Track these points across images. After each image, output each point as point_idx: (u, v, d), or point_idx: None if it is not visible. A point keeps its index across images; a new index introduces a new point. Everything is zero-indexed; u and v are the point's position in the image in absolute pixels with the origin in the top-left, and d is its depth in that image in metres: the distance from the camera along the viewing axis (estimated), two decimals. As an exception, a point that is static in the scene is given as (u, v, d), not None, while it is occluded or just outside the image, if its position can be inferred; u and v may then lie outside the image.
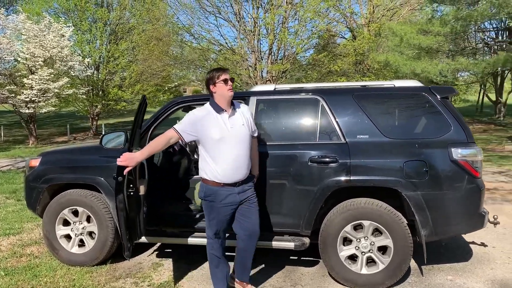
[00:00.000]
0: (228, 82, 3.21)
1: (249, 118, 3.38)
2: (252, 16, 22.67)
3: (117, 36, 28.01)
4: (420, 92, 3.86)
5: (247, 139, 3.28)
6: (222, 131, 3.17)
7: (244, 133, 3.25)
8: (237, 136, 3.21)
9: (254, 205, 3.39)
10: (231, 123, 3.22)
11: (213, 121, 3.21)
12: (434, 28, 20.67)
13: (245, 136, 3.26)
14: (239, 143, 3.21)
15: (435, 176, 3.61)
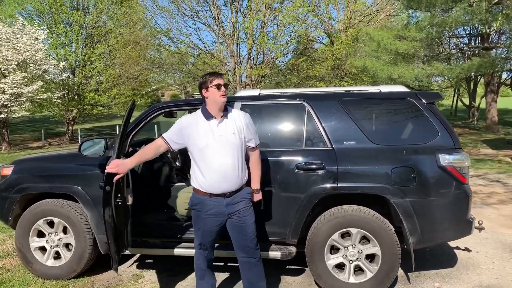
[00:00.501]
0: (221, 88, 3.05)
1: (243, 126, 3.12)
2: (231, 21, 22.59)
3: (94, 40, 27.55)
4: (406, 98, 3.82)
5: (238, 149, 3.07)
6: (208, 139, 3.02)
7: (234, 142, 3.05)
8: (225, 145, 3.03)
9: (247, 219, 3.17)
10: (219, 131, 3.06)
11: (200, 128, 3.07)
12: (410, 34, 21.02)
13: (235, 145, 3.06)
14: (227, 152, 3.03)
15: (423, 182, 3.57)
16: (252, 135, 3.19)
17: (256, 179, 3.31)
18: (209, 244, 3.25)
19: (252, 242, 3.18)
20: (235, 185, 3.09)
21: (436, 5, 21.64)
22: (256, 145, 3.24)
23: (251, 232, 3.18)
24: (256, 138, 3.24)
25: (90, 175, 4.01)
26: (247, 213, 3.18)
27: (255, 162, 3.30)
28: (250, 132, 3.17)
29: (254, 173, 3.29)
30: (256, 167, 3.31)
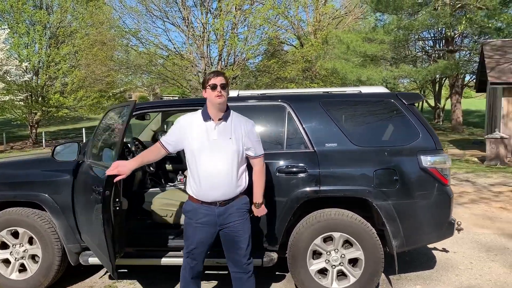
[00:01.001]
0: (217, 88, 2.83)
1: (242, 133, 2.88)
2: (201, 21, 22.37)
3: (58, 40, 26.65)
4: (387, 99, 3.78)
5: (234, 155, 2.84)
6: (202, 142, 2.84)
7: (229, 148, 2.84)
8: (219, 150, 2.83)
9: (241, 233, 2.94)
10: (215, 134, 2.86)
11: (195, 129, 2.88)
12: (378, 37, 21.39)
13: (231, 151, 2.84)
14: (221, 157, 2.82)
15: (405, 184, 3.53)
16: (252, 144, 2.94)
17: (257, 192, 3.04)
18: (198, 255, 3.00)
19: (245, 257, 2.98)
20: (227, 194, 2.86)
21: (403, 8, 22.19)
22: (256, 155, 2.98)
23: (244, 247, 2.96)
24: (258, 148, 2.98)
25: (58, 181, 3.77)
26: (241, 227, 2.94)
27: (257, 173, 3.02)
28: (250, 140, 2.92)
29: (256, 185, 3.02)
30: (258, 179, 3.03)
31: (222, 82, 2.85)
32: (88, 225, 3.51)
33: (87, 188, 3.47)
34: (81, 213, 3.66)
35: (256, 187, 3.03)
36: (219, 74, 2.89)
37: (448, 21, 20.31)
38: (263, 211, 3.10)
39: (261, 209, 3.09)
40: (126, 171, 2.88)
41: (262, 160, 3.03)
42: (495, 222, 6.18)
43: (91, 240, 3.52)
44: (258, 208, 3.06)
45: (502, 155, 11.83)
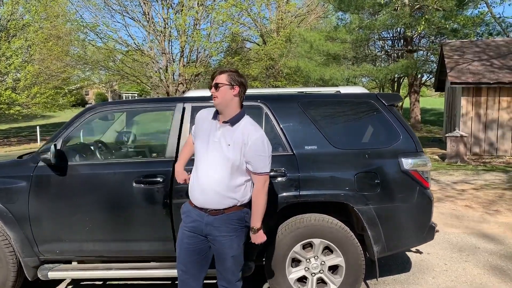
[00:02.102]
0: (212, 88, 2.61)
1: (244, 143, 2.56)
2: (162, 17, 21.80)
3: (9, 33, 25.23)
4: (367, 99, 3.65)
5: (228, 164, 2.57)
6: (205, 139, 2.66)
7: (226, 155, 2.57)
8: (216, 154, 2.59)
9: (226, 251, 2.66)
10: (218, 136, 2.62)
11: (205, 125, 2.71)
12: (340, 36, 21.60)
13: (228, 159, 2.57)
14: (216, 163, 2.58)
15: (387, 188, 3.42)
16: (253, 158, 2.57)
17: (255, 214, 2.66)
18: (192, 271, 2.72)
19: (233, 275, 2.73)
20: (214, 203, 2.60)
21: (364, 8, 22.51)
22: (255, 171, 2.61)
23: (230, 265, 2.70)
24: (259, 164, 2.59)
25: (15, 189, 3.41)
26: (227, 244, 2.65)
27: (255, 192, 2.65)
28: (251, 154, 2.57)
29: (254, 206, 2.66)
30: (255, 200, 2.65)
31: (216, 81, 2.61)
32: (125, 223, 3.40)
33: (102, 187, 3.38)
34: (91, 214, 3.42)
35: (254, 209, 2.66)
36: (220, 73, 2.65)
37: (407, 21, 20.77)
38: (261, 238, 2.72)
39: (258, 236, 2.70)
40: (185, 175, 2.83)
41: (263, 179, 2.63)
42: (462, 221, 6.25)
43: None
44: (254, 233, 2.70)
45: (462, 153, 12.15)
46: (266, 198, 2.67)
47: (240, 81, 2.63)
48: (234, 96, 2.61)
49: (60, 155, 3.41)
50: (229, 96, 2.60)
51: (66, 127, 3.54)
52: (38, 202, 3.40)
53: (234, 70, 2.68)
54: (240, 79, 2.64)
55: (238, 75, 2.66)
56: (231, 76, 2.61)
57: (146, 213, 3.39)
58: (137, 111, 4.23)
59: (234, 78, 2.62)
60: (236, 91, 2.61)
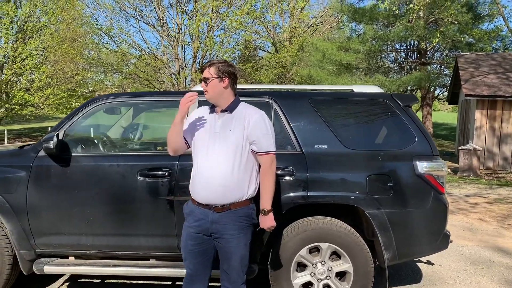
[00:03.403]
0: (201, 84, 2.56)
1: (246, 125, 2.50)
2: (176, 22, 21.88)
3: (26, 35, 25.53)
4: (382, 99, 3.51)
5: (233, 150, 2.47)
6: (204, 134, 2.54)
7: (229, 141, 2.48)
8: (219, 143, 2.48)
9: (233, 250, 2.53)
10: (218, 127, 2.53)
11: (201, 121, 2.59)
12: (353, 46, 21.49)
13: (232, 145, 2.47)
14: (220, 152, 2.47)
15: (400, 192, 3.25)
16: (257, 137, 2.50)
17: (264, 196, 2.56)
18: (198, 273, 2.62)
19: (238, 276, 2.59)
20: (223, 197, 2.47)
21: (378, 20, 22.44)
22: (261, 150, 2.52)
23: (236, 264, 2.57)
24: (264, 143, 2.52)
25: (11, 178, 3.31)
26: (234, 243, 2.53)
27: (263, 173, 2.55)
28: (255, 133, 2.50)
29: (262, 187, 2.56)
30: (264, 180, 2.55)
31: (204, 75, 2.54)
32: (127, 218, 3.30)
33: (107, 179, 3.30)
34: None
35: (263, 190, 2.56)
36: (204, 66, 2.58)
37: (421, 34, 20.61)
38: (271, 222, 2.60)
39: (268, 218, 2.59)
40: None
41: (270, 158, 2.55)
42: (476, 234, 6.03)
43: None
44: (265, 215, 2.57)
45: (475, 166, 11.88)
46: (274, 179, 2.59)
47: (229, 71, 2.54)
48: (224, 88, 2.53)
49: (62, 145, 3.31)
50: (219, 89, 2.53)
51: (69, 117, 3.45)
52: (37, 193, 3.30)
53: (222, 61, 2.58)
54: (229, 69, 2.55)
55: (227, 65, 2.56)
56: (219, 68, 2.52)
57: (149, 208, 3.27)
58: (144, 104, 4.11)
59: (222, 69, 2.53)
60: (226, 83, 2.53)
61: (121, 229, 3.32)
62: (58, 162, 3.31)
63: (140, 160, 3.37)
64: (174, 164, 3.26)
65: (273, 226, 2.63)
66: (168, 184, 3.24)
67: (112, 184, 3.29)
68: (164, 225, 3.28)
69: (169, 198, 3.24)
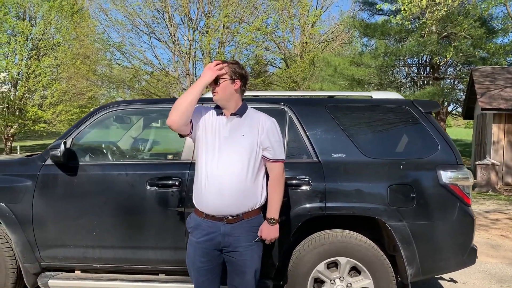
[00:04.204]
0: (211, 84, 2.39)
1: (260, 131, 2.39)
2: (188, 39, 22.03)
3: (40, 52, 25.93)
4: (402, 106, 3.34)
5: (247, 155, 2.34)
6: (211, 138, 2.37)
7: (242, 145, 2.35)
8: (230, 148, 2.34)
9: (247, 263, 2.38)
10: (227, 131, 2.38)
11: (210, 122, 2.42)
12: (365, 60, 21.40)
13: (243, 149, 2.34)
14: (232, 157, 2.32)
15: (424, 203, 3.06)
16: (271, 144, 2.40)
17: (273, 204, 2.44)
18: (203, 285, 2.44)
19: None
20: (237, 205, 2.32)
21: (390, 35, 22.37)
22: (275, 158, 2.43)
23: (250, 279, 2.41)
24: (278, 150, 2.43)
25: (17, 188, 3.20)
26: (248, 255, 2.37)
27: (274, 180, 2.44)
28: (269, 139, 2.40)
29: (272, 196, 2.44)
30: (274, 187, 2.44)
31: (222, 74, 2.39)
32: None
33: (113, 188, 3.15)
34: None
35: (273, 199, 2.45)
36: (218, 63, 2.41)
37: (434, 48, 20.47)
38: (275, 232, 2.45)
39: (275, 229, 2.44)
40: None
41: (282, 166, 2.47)
42: (499, 251, 5.76)
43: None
44: (272, 224, 2.43)
45: (494, 182, 11.55)
46: (283, 187, 2.50)
47: (241, 74, 2.41)
48: (235, 90, 2.40)
49: (70, 154, 3.20)
50: (230, 91, 2.39)
51: (77, 125, 3.34)
52: (43, 203, 3.18)
53: (235, 62, 2.45)
54: (241, 71, 2.42)
55: (240, 67, 2.43)
56: (232, 69, 2.38)
57: (159, 219, 3.12)
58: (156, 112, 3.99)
59: (235, 71, 2.39)
60: (237, 86, 2.40)
61: (129, 242, 3.17)
62: (65, 171, 3.20)
63: (149, 169, 3.24)
64: (185, 173, 3.11)
65: (276, 238, 2.49)
66: (179, 194, 3.10)
67: (120, 194, 3.16)
68: (174, 238, 3.13)
69: (180, 209, 3.10)
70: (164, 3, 20.69)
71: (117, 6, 20.42)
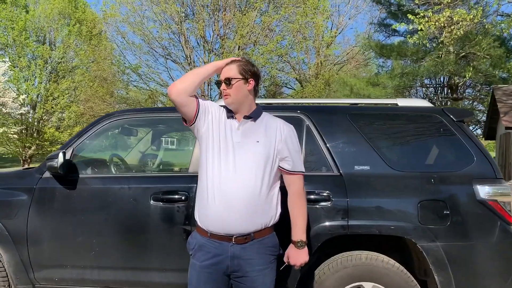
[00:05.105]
0: (222, 86, 2.12)
1: (278, 138, 2.11)
2: (203, 61, 22.11)
3: (58, 75, 26.43)
4: (432, 114, 3.04)
5: (262, 164, 2.03)
6: (220, 142, 2.08)
7: (256, 153, 2.05)
8: (242, 156, 2.05)
9: (259, 285, 2.05)
10: (239, 136, 2.09)
11: (220, 122, 2.14)
12: (382, 81, 21.18)
13: (258, 158, 2.04)
14: (244, 166, 2.03)
15: (459, 221, 2.72)
16: (289, 153, 2.11)
17: (299, 223, 2.14)
18: None
19: None
20: (248, 222, 2.02)
21: (406, 55, 22.13)
22: (295, 169, 2.14)
23: None
24: (297, 160, 2.15)
25: (12, 202, 2.97)
26: (260, 281, 2.05)
27: (296, 195, 2.14)
28: (288, 148, 2.11)
29: (295, 213, 2.15)
30: (297, 204, 2.14)
31: (227, 76, 2.12)
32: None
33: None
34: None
35: (296, 217, 2.15)
36: (230, 63, 2.17)
37: (452, 69, 20.12)
38: (305, 256, 2.16)
39: (304, 252, 2.15)
40: None
41: (302, 179, 2.19)
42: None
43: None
44: (300, 248, 2.14)
45: (521, 204, 10.97)
46: (306, 203, 2.20)
47: (253, 71, 2.16)
48: (249, 92, 2.14)
49: (69, 165, 2.96)
50: (244, 92, 2.13)
51: (79, 135, 3.11)
52: (39, 219, 2.93)
53: (244, 59, 2.20)
54: (253, 68, 2.17)
55: (251, 65, 2.19)
56: (243, 67, 2.13)
57: (163, 237, 2.84)
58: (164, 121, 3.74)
59: (247, 69, 2.14)
60: (251, 86, 2.15)
61: (130, 262, 2.89)
62: (64, 184, 2.96)
63: (154, 182, 2.98)
64: (192, 187, 2.83)
65: (306, 261, 2.18)
66: (185, 210, 2.82)
67: (121, 210, 2.89)
68: (180, 259, 2.82)
69: (186, 227, 2.81)
70: (180, 26, 20.87)
71: (134, 29, 20.61)
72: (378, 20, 24.54)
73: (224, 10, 21.07)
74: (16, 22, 24.21)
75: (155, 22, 20.67)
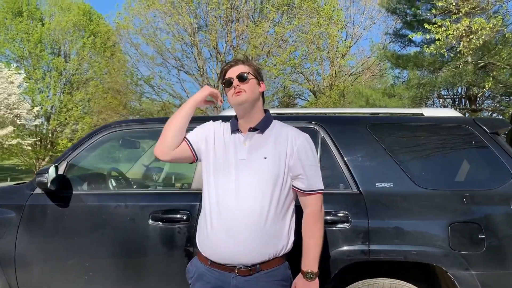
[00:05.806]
0: (234, 82, 1.85)
1: (289, 152, 1.83)
2: (216, 72, 22.03)
3: (73, 87, 26.66)
4: (462, 125, 2.74)
5: (270, 185, 1.77)
6: (224, 160, 1.85)
7: (264, 172, 1.78)
8: (248, 175, 1.79)
9: None
10: (245, 152, 1.84)
11: (220, 140, 1.91)
12: (399, 92, 20.86)
13: (268, 177, 1.77)
14: (250, 187, 1.78)
15: (496, 247, 2.41)
16: (303, 170, 1.83)
17: (310, 251, 1.86)
18: None
19: None
20: (249, 253, 1.75)
21: (423, 66, 21.77)
22: (310, 189, 1.85)
23: None
24: (313, 177, 1.86)
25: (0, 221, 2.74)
26: None
27: (310, 219, 1.86)
28: (302, 164, 1.84)
29: (307, 240, 1.87)
30: (310, 229, 1.85)
31: (240, 72, 1.86)
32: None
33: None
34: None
35: (309, 244, 1.86)
36: (237, 63, 1.90)
37: (470, 79, 19.68)
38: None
39: (314, 285, 1.86)
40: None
41: (320, 199, 1.90)
42: None
43: None
44: (311, 280, 1.84)
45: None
46: (323, 228, 1.89)
47: (262, 76, 1.96)
48: (260, 94, 1.92)
49: (62, 181, 2.72)
50: (257, 92, 1.90)
51: (73, 148, 2.87)
52: (28, 239, 2.69)
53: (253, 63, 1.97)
54: (261, 73, 1.97)
55: (260, 69, 1.99)
56: (254, 68, 1.92)
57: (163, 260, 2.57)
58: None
59: (258, 71, 1.93)
60: (262, 89, 1.94)
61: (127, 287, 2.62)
62: (56, 201, 2.71)
63: (153, 200, 2.72)
64: (195, 205, 2.57)
65: None
66: (187, 231, 2.55)
67: (117, 230, 2.64)
68: (181, 283, 2.55)
69: (188, 249, 2.54)
70: (193, 38, 20.86)
71: (147, 40, 20.66)
72: (394, 30, 24.24)
73: (237, 21, 21.00)
74: (32, 35, 24.55)
75: (168, 33, 20.64)
